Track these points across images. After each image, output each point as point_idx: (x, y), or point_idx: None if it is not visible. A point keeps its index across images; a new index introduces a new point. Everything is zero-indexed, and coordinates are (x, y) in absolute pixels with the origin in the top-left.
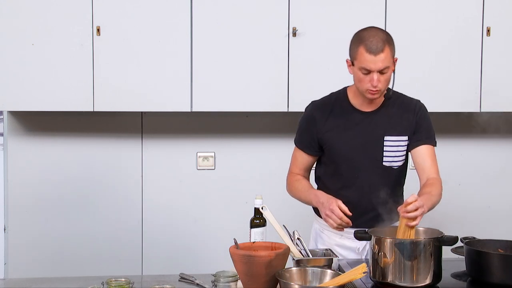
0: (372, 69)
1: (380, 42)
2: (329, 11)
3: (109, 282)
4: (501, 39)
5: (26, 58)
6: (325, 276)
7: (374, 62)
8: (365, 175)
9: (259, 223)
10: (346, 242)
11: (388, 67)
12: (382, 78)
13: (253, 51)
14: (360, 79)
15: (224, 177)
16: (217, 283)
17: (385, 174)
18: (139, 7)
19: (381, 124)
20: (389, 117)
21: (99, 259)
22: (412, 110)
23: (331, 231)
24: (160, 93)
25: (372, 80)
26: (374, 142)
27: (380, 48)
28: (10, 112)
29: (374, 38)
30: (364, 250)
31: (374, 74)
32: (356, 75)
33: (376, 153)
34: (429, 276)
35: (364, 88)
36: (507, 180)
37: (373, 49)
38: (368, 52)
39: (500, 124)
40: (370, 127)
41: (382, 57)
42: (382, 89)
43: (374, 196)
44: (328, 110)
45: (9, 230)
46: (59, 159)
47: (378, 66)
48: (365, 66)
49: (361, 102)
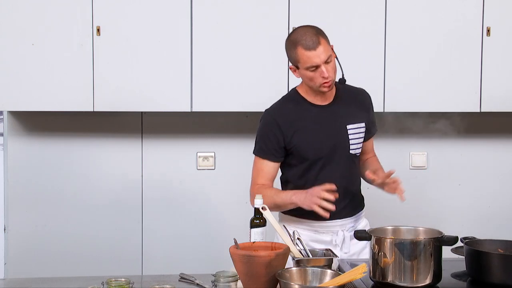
0: (318, 63)
1: (313, 37)
2: (329, 11)
3: (109, 282)
4: (501, 39)
5: (26, 58)
6: (325, 276)
7: (317, 56)
8: (334, 166)
9: (259, 223)
10: (321, 237)
11: (330, 56)
12: (330, 68)
13: (253, 51)
14: (310, 77)
15: (224, 177)
16: (217, 283)
17: (351, 162)
18: (139, 7)
19: (340, 114)
20: (345, 106)
21: (99, 259)
22: (363, 99)
23: (304, 229)
24: (160, 93)
25: (322, 72)
26: (339, 132)
27: (316, 41)
28: (10, 112)
29: (306, 35)
30: (340, 242)
31: (322, 66)
32: (305, 75)
33: (343, 143)
34: (429, 276)
35: (318, 84)
36: (507, 180)
37: (310, 45)
38: (307, 49)
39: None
40: (332, 118)
41: (322, 49)
42: (333, 78)
43: (346, 184)
44: (288, 113)
45: (9, 230)
46: (59, 159)
47: (322, 59)
48: (311, 64)
49: (315, 97)
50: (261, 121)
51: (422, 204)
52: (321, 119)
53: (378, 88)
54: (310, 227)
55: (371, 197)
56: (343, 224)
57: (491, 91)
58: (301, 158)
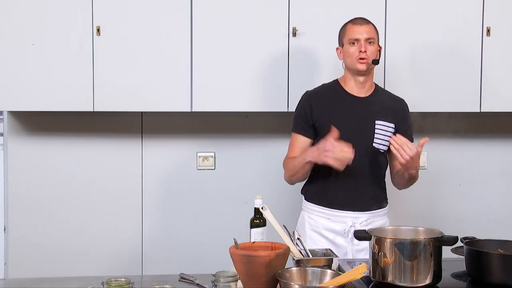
0: (359, 37)
1: (365, 20)
2: (329, 11)
3: (109, 282)
4: (501, 39)
5: (26, 58)
6: (325, 276)
7: (360, 32)
8: (357, 157)
9: (259, 223)
10: (333, 225)
11: (373, 39)
12: (370, 47)
13: (253, 51)
14: (349, 53)
15: (224, 177)
16: (217, 283)
17: (374, 157)
18: (139, 7)
19: (373, 109)
20: (380, 103)
21: (99, 259)
22: (400, 104)
23: (318, 216)
24: (160, 93)
25: (360, 46)
26: (366, 125)
27: (364, 22)
28: (10, 112)
29: (359, 18)
30: (350, 233)
31: (362, 41)
32: (346, 51)
33: (368, 135)
34: (429, 276)
35: (354, 58)
36: (507, 180)
37: (359, 21)
38: (354, 24)
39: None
40: (362, 110)
41: (367, 28)
42: (370, 57)
43: (366, 178)
44: (322, 96)
45: (9, 230)
46: (59, 159)
47: (364, 36)
48: (352, 36)
49: (353, 86)
50: (299, 101)
51: (422, 204)
52: (352, 107)
53: None
54: (324, 214)
55: None
56: (356, 217)
57: (491, 91)
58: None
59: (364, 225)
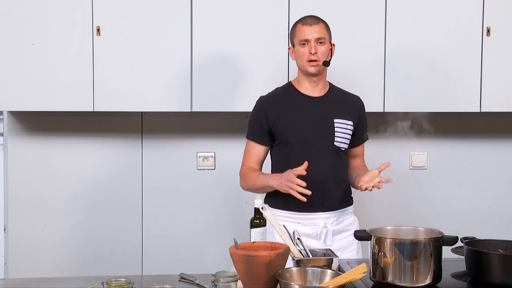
0: (309, 38)
1: (314, 19)
2: (328, 11)
3: (109, 282)
4: (501, 39)
5: (26, 58)
6: (325, 276)
7: (310, 32)
8: (319, 157)
9: (259, 223)
10: (304, 229)
11: (324, 39)
12: (320, 47)
13: (252, 51)
14: (300, 54)
15: (224, 177)
16: (217, 283)
17: (336, 156)
18: (139, 7)
19: (329, 107)
20: (336, 102)
21: (99, 259)
22: (355, 101)
23: (288, 221)
24: (160, 93)
25: (310, 48)
26: (325, 124)
27: (314, 21)
28: (10, 112)
29: (309, 17)
30: (323, 234)
31: (312, 42)
32: (297, 52)
33: (328, 134)
34: (429, 276)
35: (304, 60)
36: (507, 180)
37: (308, 21)
38: (303, 24)
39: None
40: (319, 110)
41: (317, 28)
42: (320, 59)
43: (331, 177)
44: (277, 100)
45: (9, 230)
46: (59, 159)
47: (314, 36)
48: (302, 37)
49: (307, 87)
50: (253, 107)
51: (422, 204)
52: (309, 108)
53: (378, 88)
54: (294, 219)
55: (371, 196)
56: (326, 217)
57: (491, 91)
58: (285, 143)
59: (335, 225)
